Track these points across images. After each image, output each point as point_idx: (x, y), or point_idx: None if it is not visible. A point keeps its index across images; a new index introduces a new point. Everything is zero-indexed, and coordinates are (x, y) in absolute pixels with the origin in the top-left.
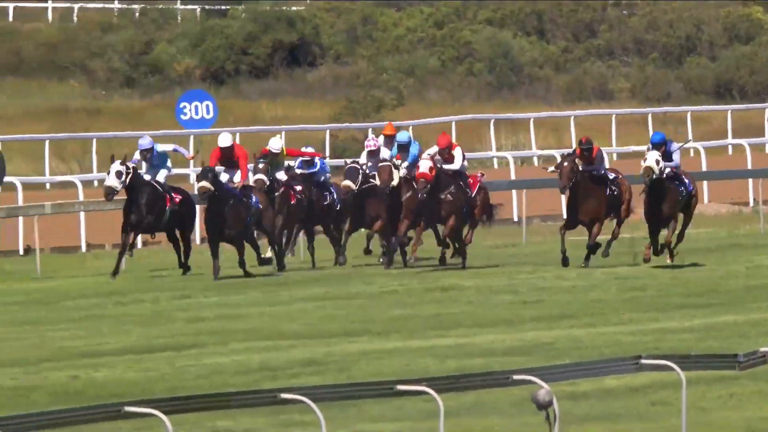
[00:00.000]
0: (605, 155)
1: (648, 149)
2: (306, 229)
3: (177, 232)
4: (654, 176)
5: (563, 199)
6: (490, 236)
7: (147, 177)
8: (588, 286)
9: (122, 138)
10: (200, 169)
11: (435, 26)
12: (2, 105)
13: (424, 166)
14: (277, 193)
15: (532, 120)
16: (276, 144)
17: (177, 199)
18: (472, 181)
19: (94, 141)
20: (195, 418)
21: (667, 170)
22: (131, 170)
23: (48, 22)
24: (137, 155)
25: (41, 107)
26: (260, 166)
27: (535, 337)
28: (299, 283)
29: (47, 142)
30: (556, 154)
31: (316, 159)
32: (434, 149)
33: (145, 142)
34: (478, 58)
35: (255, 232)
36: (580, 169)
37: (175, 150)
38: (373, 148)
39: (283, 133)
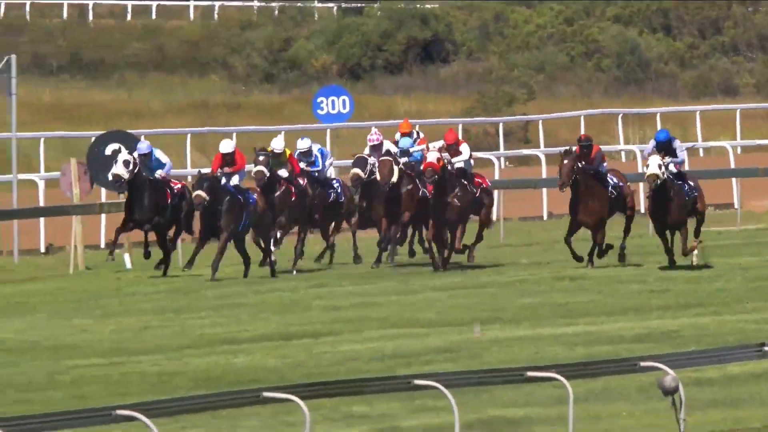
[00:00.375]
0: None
1: (650, 152)
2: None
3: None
4: (659, 182)
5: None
6: (617, 227)
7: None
8: (713, 276)
9: (261, 132)
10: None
11: (564, 23)
12: (146, 100)
13: (432, 156)
14: (277, 193)
15: (658, 114)
16: (278, 144)
17: (176, 189)
18: (480, 181)
19: (235, 135)
20: (331, 403)
21: (672, 167)
22: (138, 163)
23: (190, 19)
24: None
25: (183, 102)
26: (260, 158)
27: (662, 325)
28: (432, 272)
29: (189, 136)
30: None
31: (315, 151)
32: (440, 143)
33: (143, 146)
34: (606, 54)
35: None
36: (582, 166)
37: (166, 169)
38: (376, 142)
39: (417, 126)
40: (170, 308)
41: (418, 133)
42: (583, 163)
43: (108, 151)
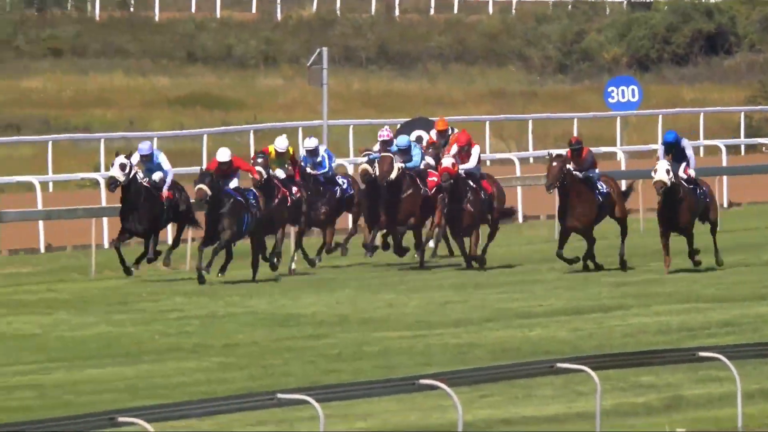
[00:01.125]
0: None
1: (659, 156)
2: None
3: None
4: (666, 188)
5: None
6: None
7: (141, 176)
8: None
9: (555, 119)
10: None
11: None
12: (448, 89)
13: (447, 161)
14: (275, 202)
15: None
16: (282, 144)
17: (171, 194)
18: (486, 185)
19: (530, 122)
20: (620, 374)
21: (682, 173)
22: (133, 167)
23: (489, 14)
24: (135, 158)
25: (482, 91)
26: (259, 160)
27: None
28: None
29: (487, 123)
30: None
31: (322, 152)
32: (454, 149)
33: (145, 147)
34: None
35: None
36: (571, 170)
37: (165, 173)
38: (386, 138)
39: (702, 114)
40: (470, 284)
41: (453, 129)
42: (573, 166)
43: (413, 137)
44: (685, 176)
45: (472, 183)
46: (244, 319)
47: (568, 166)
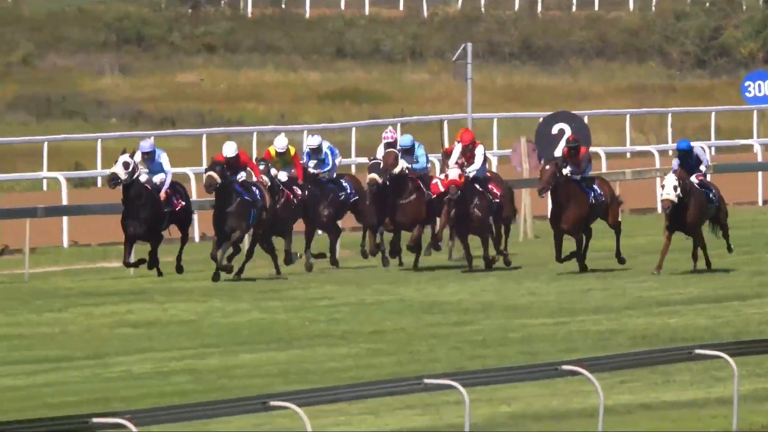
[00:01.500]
0: (592, 158)
1: (674, 167)
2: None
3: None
4: (673, 206)
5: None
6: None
7: (144, 177)
8: None
9: (693, 113)
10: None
11: None
12: (589, 84)
13: (454, 173)
14: (278, 205)
15: None
16: (281, 143)
17: (174, 202)
18: (492, 187)
19: (670, 115)
20: (757, 360)
21: (694, 179)
22: (137, 167)
23: (629, 10)
24: (138, 157)
25: (622, 85)
26: (260, 167)
27: None
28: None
29: (628, 117)
30: None
31: (325, 148)
32: (458, 148)
33: (146, 144)
34: None
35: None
36: (565, 173)
37: (165, 174)
38: (390, 140)
39: None
40: (610, 273)
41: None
42: (568, 167)
43: (554, 130)
44: (696, 181)
45: (479, 187)
46: (392, 306)
47: (564, 169)
